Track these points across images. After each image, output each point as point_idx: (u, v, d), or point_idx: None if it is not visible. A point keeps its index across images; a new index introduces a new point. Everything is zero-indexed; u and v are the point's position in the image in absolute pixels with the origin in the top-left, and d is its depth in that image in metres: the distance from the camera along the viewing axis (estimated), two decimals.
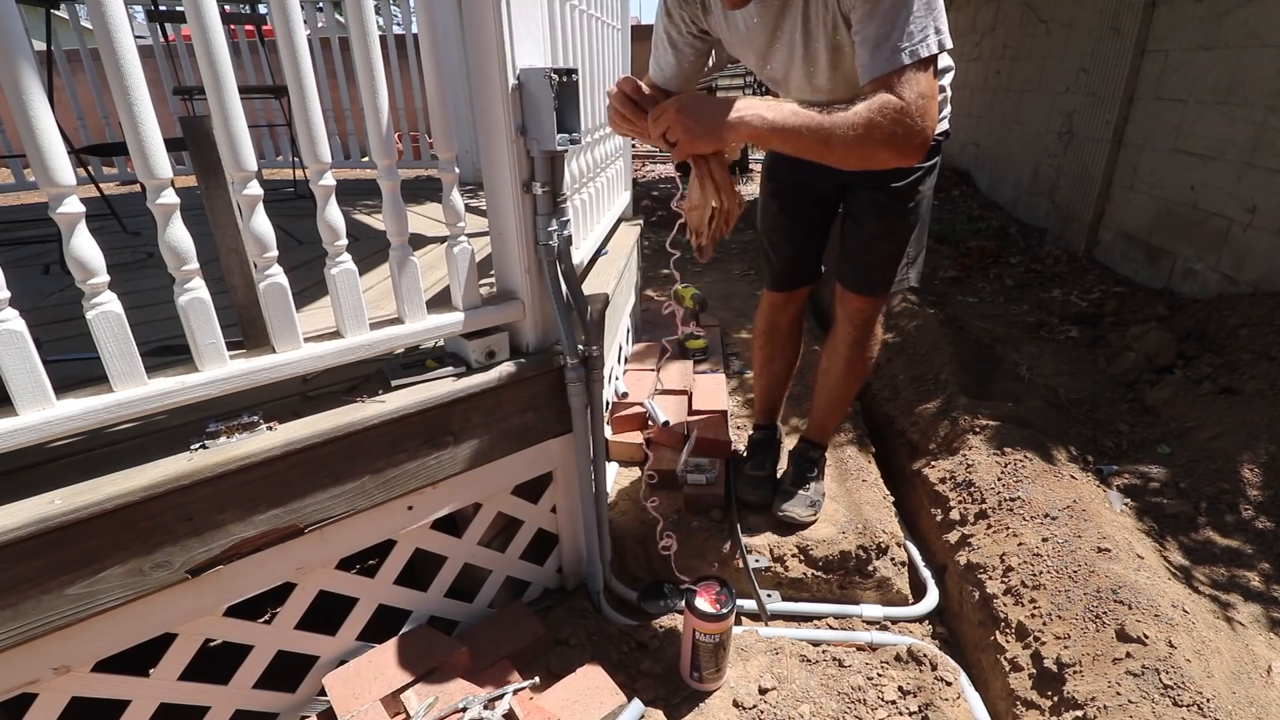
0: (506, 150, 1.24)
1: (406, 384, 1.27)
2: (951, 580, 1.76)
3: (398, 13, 3.94)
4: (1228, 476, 1.90)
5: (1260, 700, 1.26)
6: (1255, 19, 2.83)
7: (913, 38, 1.03)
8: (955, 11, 6.00)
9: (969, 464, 1.96)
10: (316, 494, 1.15)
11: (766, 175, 1.74)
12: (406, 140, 4.08)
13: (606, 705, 1.28)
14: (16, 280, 1.04)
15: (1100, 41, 3.82)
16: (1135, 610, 1.37)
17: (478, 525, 1.47)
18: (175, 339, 1.08)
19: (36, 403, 0.89)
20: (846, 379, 1.76)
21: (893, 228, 1.54)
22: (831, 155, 1.07)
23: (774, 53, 1.32)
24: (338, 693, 1.25)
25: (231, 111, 0.95)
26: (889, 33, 1.04)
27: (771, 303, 1.84)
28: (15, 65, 0.78)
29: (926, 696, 1.39)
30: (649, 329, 3.00)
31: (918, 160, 1.10)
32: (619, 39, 2.38)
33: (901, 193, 1.49)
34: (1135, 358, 2.63)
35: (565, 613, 1.58)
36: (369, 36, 1.07)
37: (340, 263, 1.13)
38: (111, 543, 0.97)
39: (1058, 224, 4.24)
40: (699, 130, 1.07)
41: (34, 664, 0.98)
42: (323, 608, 1.31)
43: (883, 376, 2.79)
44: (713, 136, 1.08)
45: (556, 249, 1.33)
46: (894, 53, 1.04)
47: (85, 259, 0.87)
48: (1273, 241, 2.75)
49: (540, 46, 1.26)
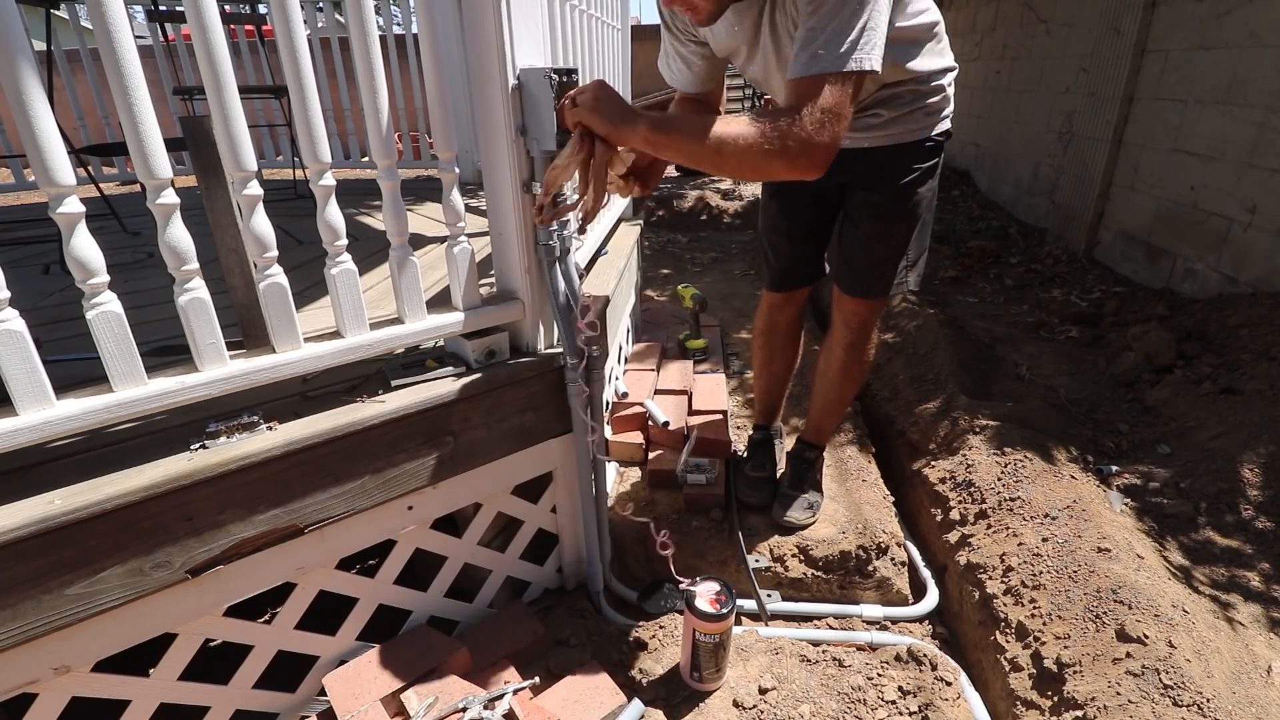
0: (506, 150, 1.24)
1: (406, 384, 1.27)
2: (951, 580, 1.76)
3: (398, 13, 3.95)
4: (1228, 476, 1.90)
5: (1260, 700, 1.26)
6: (1255, 19, 2.83)
7: (836, 51, 1.02)
8: (955, 11, 6.01)
9: (969, 464, 1.96)
10: (316, 494, 1.15)
11: None
12: (406, 140, 4.07)
13: (606, 705, 1.28)
14: (16, 280, 1.03)
15: (1100, 41, 3.82)
16: (1135, 610, 1.37)
17: (478, 525, 1.47)
18: (175, 339, 1.09)
19: (36, 403, 0.89)
20: (843, 382, 1.76)
21: (889, 230, 1.52)
22: (725, 167, 1.06)
23: (753, 57, 1.33)
24: (338, 693, 1.25)
25: (231, 111, 0.95)
26: (815, 38, 1.03)
27: (770, 303, 1.84)
28: (15, 65, 0.78)
29: (926, 696, 1.39)
30: (649, 329, 3.00)
31: (816, 175, 1.07)
32: (619, 39, 2.38)
33: (898, 194, 1.48)
34: (1135, 358, 2.63)
35: (565, 613, 1.58)
36: (369, 36, 1.07)
37: (340, 263, 1.13)
38: (111, 543, 0.97)
39: (1058, 224, 4.24)
40: (602, 113, 1.07)
41: (34, 664, 0.98)
42: (323, 608, 1.31)
43: (883, 376, 2.79)
44: (612, 129, 1.08)
45: (556, 249, 1.33)
46: (814, 59, 1.03)
47: (85, 259, 0.87)
48: (1273, 241, 2.75)
49: (540, 46, 1.26)
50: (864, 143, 1.45)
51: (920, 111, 1.41)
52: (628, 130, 1.08)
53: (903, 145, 1.44)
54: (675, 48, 1.44)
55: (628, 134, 1.08)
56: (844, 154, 1.48)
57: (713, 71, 1.48)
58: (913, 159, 1.45)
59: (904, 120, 1.41)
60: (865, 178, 1.50)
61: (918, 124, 1.42)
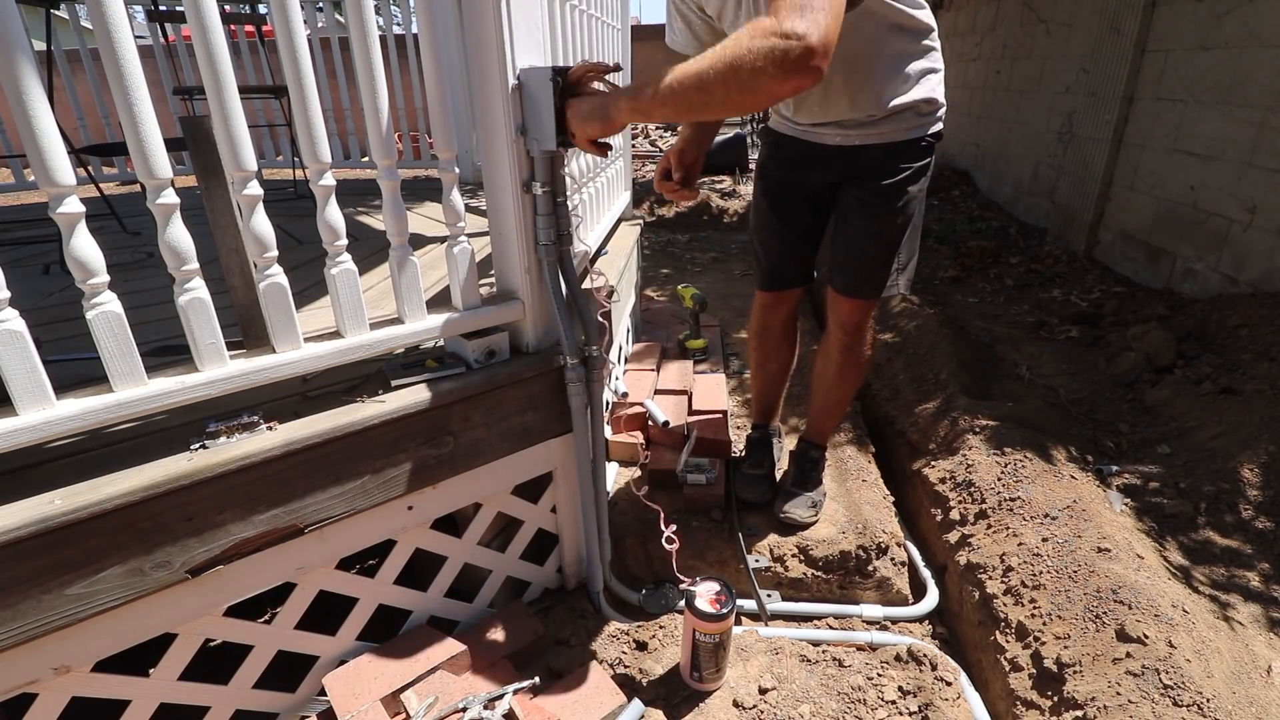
0: (506, 150, 1.24)
1: (406, 384, 1.27)
2: (951, 580, 1.76)
3: (398, 13, 3.95)
4: (1228, 476, 1.90)
5: (1260, 700, 1.26)
6: (1255, 19, 2.83)
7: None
8: (955, 11, 6.01)
9: (969, 464, 1.96)
10: (316, 494, 1.15)
11: (758, 173, 1.75)
12: (406, 140, 4.07)
13: (606, 705, 1.28)
14: (16, 280, 1.04)
15: (1100, 41, 3.82)
16: (1135, 610, 1.37)
17: (478, 525, 1.47)
18: (175, 339, 1.08)
19: (36, 403, 0.89)
20: (841, 384, 1.76)
21: (880, 228, 1.53)
22: (714, 99, 0.97)
23: (739, 18, 1.34)
24: (338, 693, 1.25)
25: (231, 111, 0.95)
26: None
27: (763, 303, 1.84)
28: (15, 65, 0.78)
29: (926, 696, 1.39)
30: (649, 329, 3.00)
31: (810, 82, 0.95)
32: (619, 39, 2.37)
33: (889, 191, 1.48)
34: (1135, 358, 2.63)
35: (565, 613, 1.58)
36: (369, 36, 1.07)
37: (340, 263, 1.13)
38: (111, 543, 0.97)
39: (1058, 224, 4.24)
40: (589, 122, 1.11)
41: (34, 664, 0.98)
42: (323, 608, 1.30)
43: (883, 376, 2.79)
44: (605, 125, 1.11)
45: (557, 249, 1.33)
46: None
47: (85, 259, 0.87)
48: (1273, 241, 2.75)
49: (540, 46, 1.26)
50: (855, 140, 1.47)
51: (912, 111, 1.43)
52: (615, 118, 1.09)
53: (895, 144, 1.45)
54: (676, 5, 1.49)
55: (615, 120, 1.09)
56: (836, 151, 1.50)
57: (714, 32, 1.49)
58: (904, 158, 1.47)
59: (896, 119, 1.43)
60: (857, 175, 1.52)
61: (910, 123, 1.44)
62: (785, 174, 1.65)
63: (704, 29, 1.49)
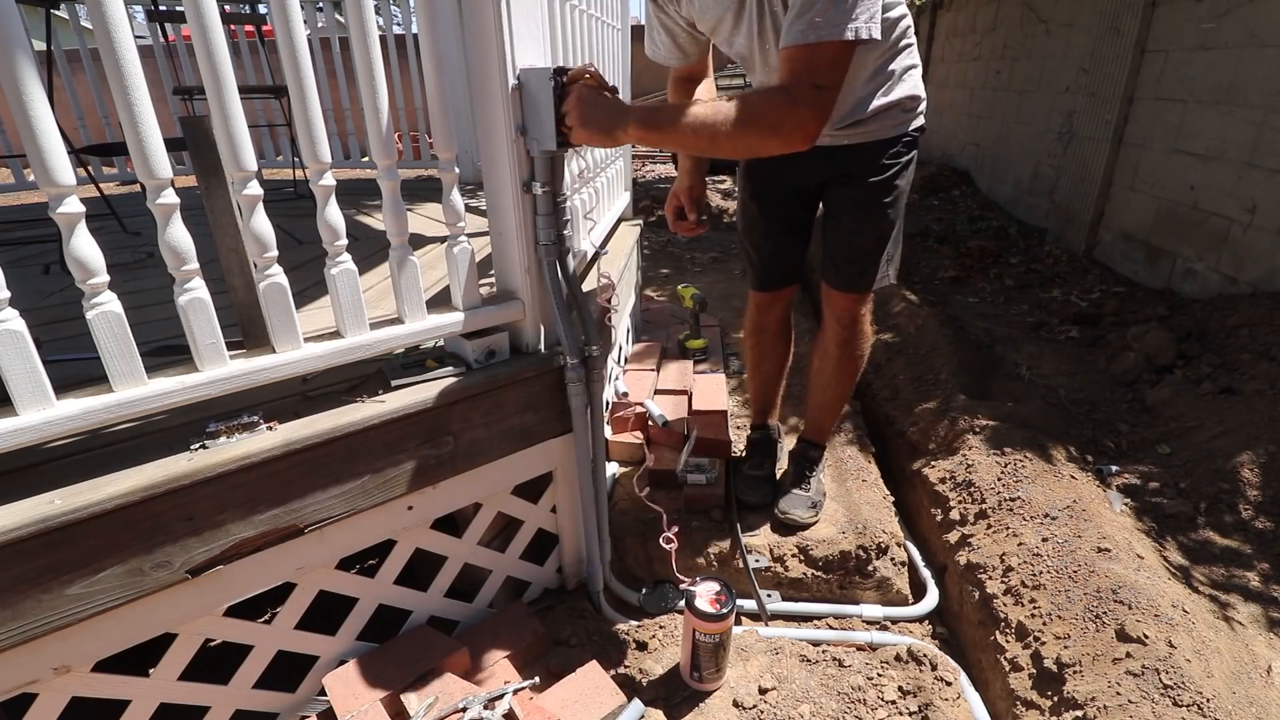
0: (506, 150, 1.24)
1: (406, 384, 1.27)
2: (951, 580, 1.76)
3: (398, 13, 3.95)
4: (1227, 476, 1.90)
5: (1260, 700, 1.26)
6: (1255, 19, 2.83)
7: (834, 18, 1.02)
8: (955, 11, 6.01)
9: (969, 464, 1.96)
10: (316, 494, 1.15)
11: (745, 175, 1.75)
12: (406, 140, 4.08)
13: (606, 705, 1.28)
14: (16, 280, 1.03)
15: (1100, 41, 3.82)
16: (1135, 610, 1.37)
17: (478, 525, 1.47)
18: (175, 339, 1.08)
19: (36, 403, 0.89)
20: (839, 379, 1.76)
21: (871, 223, 1.55)
22: (720, 149, 1.10)
23: (739, 28, 1.34)
24: (338, 693, 1.25)
25: (231, 111, 0.95)
26: (813, 4, 1.03)
27: (757, 303, 1.85)
28: (15, 64, 0.78)
29: (926, 696, 1.39)
30: (649, 329, 3.00)
31: (807, 146, 1.10)
32: (619, 39, 2.37)
33: (878, 188, 1.50)
34: (1135, 358, 2.63)
35: (565, 613, 1.58)
36: (369, 36, 1.07)
37: (340, 263, 1.13)
38: (111, 543, 0.97)
39: (1058, 224, 4.24)
40: (591, 127, 1.13)
41: (34, 664, 0.98)
42: (323, 608, 1.30)
43: (883, 376, 2.79)
44: (606, 135, 1.14)
45: (557, 249, 1.33)
46: (810, 26, 1.02)
47: (85, 259, 0.87)
48: (1273, 241, 2.75)
49: (540, 46, 1.26)
50: (843, 140, 1.48)
51: (897, 108, 1.45)
52: (619, 133, 1.12)
53: (880, 141, 1.48)
54: (659, 18, 1.49)
55: (619, 137, 1.13)
56: (824, 151, 1.51)
57: (697, 42, 1.50)
58: (891, 154, 1.49)
59: (882, 118, 1.45)
60: (845, 173, 1.53)
61: (895, 120, 1.47)
62: (772, 176, 1.66)
63: (688, 41, 1.51)
